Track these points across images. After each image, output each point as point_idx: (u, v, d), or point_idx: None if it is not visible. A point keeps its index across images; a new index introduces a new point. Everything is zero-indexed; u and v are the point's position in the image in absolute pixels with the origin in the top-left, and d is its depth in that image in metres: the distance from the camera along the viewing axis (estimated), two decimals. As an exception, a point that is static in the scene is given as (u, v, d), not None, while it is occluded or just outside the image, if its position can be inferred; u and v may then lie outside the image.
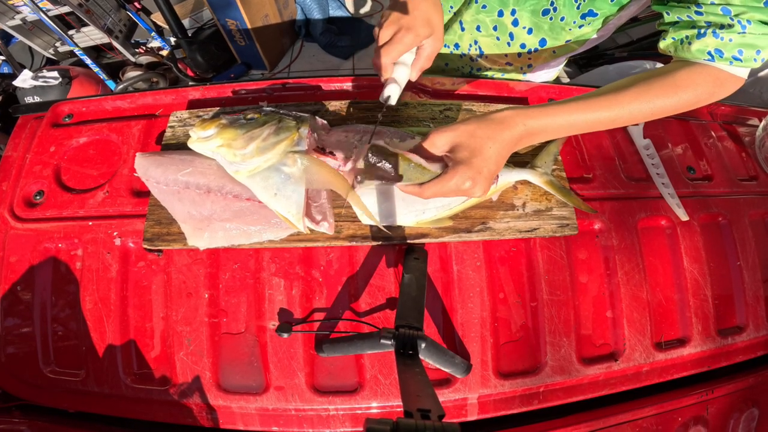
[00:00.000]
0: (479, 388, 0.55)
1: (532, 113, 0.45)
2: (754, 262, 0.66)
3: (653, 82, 0.45)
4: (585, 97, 0.47)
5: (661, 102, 0.45)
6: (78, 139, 0.66)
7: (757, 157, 0.75)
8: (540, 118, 0.45)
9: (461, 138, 0.45)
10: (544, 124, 0.46)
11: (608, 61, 1.79)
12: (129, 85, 1.80)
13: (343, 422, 0.55)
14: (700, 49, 0.43)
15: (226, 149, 0.50)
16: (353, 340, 0.51)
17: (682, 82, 0.45)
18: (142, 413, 0.55)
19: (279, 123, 0.52)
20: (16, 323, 0.58)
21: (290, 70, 2.26)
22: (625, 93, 0.45)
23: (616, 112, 0.45)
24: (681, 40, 0.46)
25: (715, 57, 0.43)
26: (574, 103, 0.46)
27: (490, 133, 0.44)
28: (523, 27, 0.65)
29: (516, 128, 0.45)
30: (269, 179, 0.51)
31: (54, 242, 0.60)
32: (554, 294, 0.59)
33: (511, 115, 0.45)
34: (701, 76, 0.44)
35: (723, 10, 0.41)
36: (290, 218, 0.51)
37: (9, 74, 1.77)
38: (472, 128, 0.44)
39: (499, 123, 0.45)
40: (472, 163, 0.44)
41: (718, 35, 0.42)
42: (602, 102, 0.46)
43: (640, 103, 0.45)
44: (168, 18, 1.79)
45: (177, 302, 0.56)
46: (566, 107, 0.46)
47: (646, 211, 0.64)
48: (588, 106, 0.46)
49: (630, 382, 0.59)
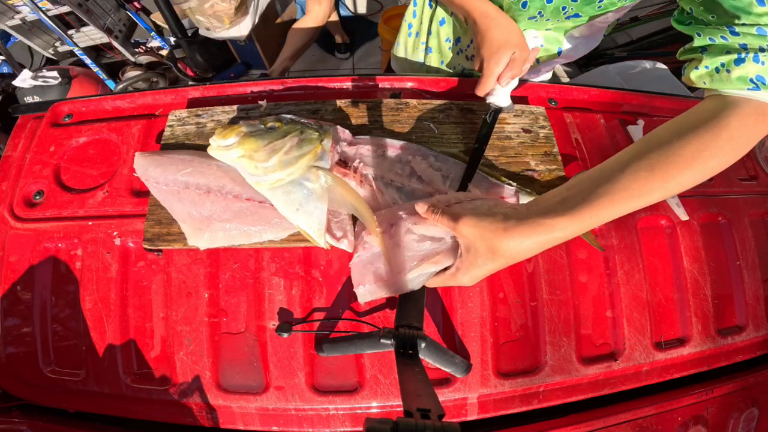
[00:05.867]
0: (479, 387, 0.55)
1: (566, 224, 0.38)
2: (754, 262, 0.66)
3: (706, 138, 0.38)
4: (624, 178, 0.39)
5: (717, 161, 0.38)
6: (78, 138, 0.66)
7: (757, 157, 0.75)
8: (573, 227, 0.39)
9: (481, 248, 0.41)
10: (576, 232, 0.39)
11: (608, 60, 1.79)
12: (129, 85, 1.79)
13: (343, 422, 0.55)
14: (741, 77, 0.38)
15: (247, 161, 0.48)
16: (353, 340, 0.51)
17: (735, 130, 0.38)
18: (142, 413, 0.55)
19: (301, 134, 0.51)
20: (16, 323, 0.58)
21: (290, 70, 2.26)
22: (678, 161, 0.38)
23: (668, 190, 0.38)
24: (717, 69, 0.40)
25: (759, 85, 0.37)
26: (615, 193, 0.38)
27: (511, 254, 0.40)
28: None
29: (541, 249, 0.40)
30: (291, 194, 0.50)
31: (54, 242, 0.60)
32: (554, 294, 0.59)
33: (542, 243, 0.39)
34: (752, 118, 0.38)
35: (758, 30, 0.36)
36: (312, 234, 0.50)
37: (8, 74, 1.77)
38: (495, 243, 0.40)
39: (524, 250, 0.40)
40: (475, 276, 0.43)
41: (759, 59, 0.37)
42: (653, 182, 0.38)
43: (693, 173, 0.38)
44: (168, 18, 1.79)
45: (177, 302, 0.56)
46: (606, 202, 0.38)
47: (646, 210, 0.64)
48: (634, 193, 0.38)
49: (630, 382, 0.59)
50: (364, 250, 0.52)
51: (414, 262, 0.48)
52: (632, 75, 1.21)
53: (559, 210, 0.39)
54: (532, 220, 0.39)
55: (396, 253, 0.49)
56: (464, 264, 0.43)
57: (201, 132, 0.61)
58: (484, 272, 0.43)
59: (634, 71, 1.22)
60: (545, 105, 0.71)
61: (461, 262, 0.44)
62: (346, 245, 0.53)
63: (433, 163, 0.56)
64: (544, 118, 0.63)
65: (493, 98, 0.57)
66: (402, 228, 0.49)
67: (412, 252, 0.48)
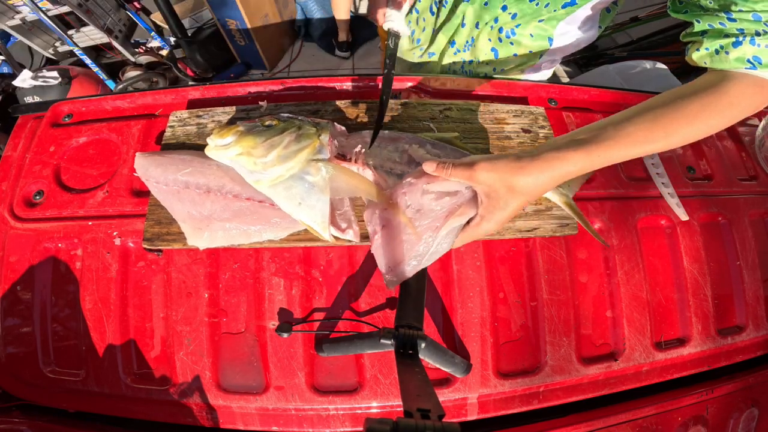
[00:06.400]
0: (479, 387, 0.55)
1: (576, 157, 0.42)
2: (754, 262, 0.66)
3: (705, 101, 0.42)
4: (631, 124, 0.42)
5: (718, 121, 0.42)
6: (78, 138, 0.66)
7: (756, 157, 0.75)
8: (582, 162, 0.42)
9: (501, 190, 0.43)
10: (586, 168, 0.42)
11: (608, 60, 1.79)
12: (129, 85, 1.80)
13: (343, 422, 0.55)
14: (739, 58, 0.41)
15: (246, 158, 0.48)
16: (353, 340, 0.51)
17: (734, 97, 0.41)
18: (142, 413, 0.55)
19: (299, 130, 0.51)
20: (16, 323, 0.58)
21: (290, 70, 2.26)
22: (680, 117, 0.42)
23: (671, 141, 0.42)
24: (716, 50, 0.43)
25: (755, 64, 0.40)
26: (622, 137, 0.42)
27: (529, 190, 0.42)
28: (508, 13, 0.68)
29: (555, 183, 0.43)
30: (292, 189, 0.50)
31: (54, 242, 0.60)
32: (554, 294, 0.59)
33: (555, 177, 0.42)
34: (750, 88, 0.41)
35: (754, 16, 0.39)
36: (316, 228, 0.50)
37: (8, 74, 1.77)
38: (512, 181, 0.42)
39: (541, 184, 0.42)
40: (499, 219, 0.45)
41: (755, 42, 0.40)
42: (656, 132, 0.41)
43: (694, 128, 0.42)
44: (168, 18, 1.79)
45: (177, 302, 0.56)
46: (613, 143, 0.42)
47: (646, 210, 0.64)
48: (639, 139, 0.42)
49: (630, 382, 0.59)
50: (382, 230, 0.50)
51: (439, 222, 0.47)
52: (632, 75, 1.21)
53: (571, 146, 0.42)
54: (545, 155, 0.42)
55: (419, 217, 0.48)
56: (488, 210, 0.45)
57: (202, 132, 0.61)
58: (507, 214, 0.45)
59: (634, 71, 1.22)
60: (545, 105, 0.71)
61: (484, 210, 0.45)
62: (351, 235, 0.52)
63: (431, 150, 0.56)
64: (544, 118, 0.63)
65: (390, 23, 0.57)
66: (416, 192, 0.48)
67: (434, 211, 0.48)
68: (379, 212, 0.51)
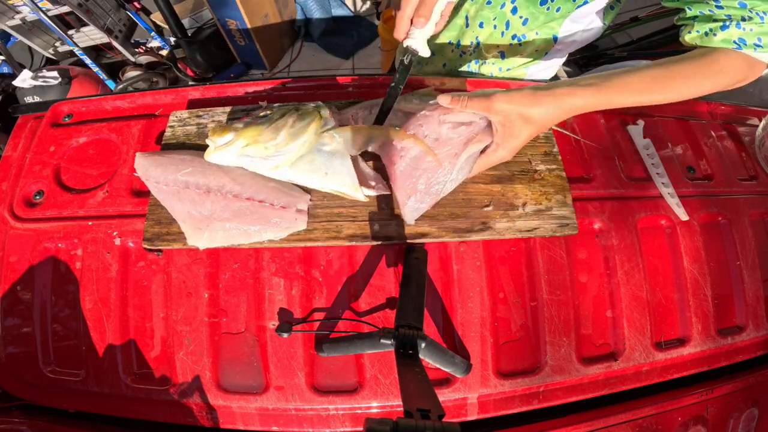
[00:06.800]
0: (479, 387, 0.55)
1: (584, 93, 0.47)
2: (754, 262, 0.66)
3: (698, 66, 0.48)
4: (634, 76, 0.48)
5: (709, 84, 0.48)
6: (78, 138, 0.66)
7: (756, 157, 0.75)
8: (589, 98, 0.48)
9: (516, 120, 0.48)
10: (591, 104, 0.48)
11: (608, 60, 1.79)
12: (129, 85, 1.80)
13: (343, 422, 0.55)
14: (725, 39, 0.46)
15: (254, 146, 0.49)
16: (353, 340, 0.51)
17: (723, 66, 0.47)
18: (142, 413, 0.55)
19: (298, 111, 0.53)
20: (16, 323, 0.58)
21: (290, 70, 2.26)
22: (676, 77, 0.48)
23: (667, 95, 0.48)
24: (706, 32, 0.48)
25: (740, 45, 0.46)
26: (624, 84, 0.48)
27: (541, 120, 0.48)
28: (519, 17, 0.67)
29: (565, 116, 0.48)
30: (314, 162, 0.52)
31: (54, 242, 0.60)
32: (554, 294, 0.59)
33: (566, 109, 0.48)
34: (737, 61, 0.47)
35: (740, 4, 0.44)
36: (347, 191, 0.52)
37: (9, 74, 1.77)
38: (527, 111, 0.47)
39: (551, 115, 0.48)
40: (513, 146, 0.50)
41: (741, 26, 0.45)
42: (654, 85, 0.48)
43: (689, 86, 0.48)
44: (168, 18, 1.79)
45: (177, 302, 0.56)
46: (617, 87, 0.48)
47: (646, 210, 0.64)
48: (640, 89, 0.48)
49: (630, 382, 0.59)
50: (401, 158, 0.51)
51: (458, 149, 0.50)
52: (632, 75, 1.21)
53: (580, 84, 0.48)
54: (558, 90, 0.47)
55: (438, 146, 0.50)
56: (503, 138, 0.50)
57: (202, 132, 0.61)
58: (520, 141, 0.50)
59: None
60: (545, 105, 0.71)
61: (500, 138, 0.50)
62: (382, 188, 0.55)
63: (420, 101, 0.57)
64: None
65: (410, 41, 0.54)
66: (433, 122, 0.51)
67: (452, 139, 0.50)
68: (396, 143, 0.52)
